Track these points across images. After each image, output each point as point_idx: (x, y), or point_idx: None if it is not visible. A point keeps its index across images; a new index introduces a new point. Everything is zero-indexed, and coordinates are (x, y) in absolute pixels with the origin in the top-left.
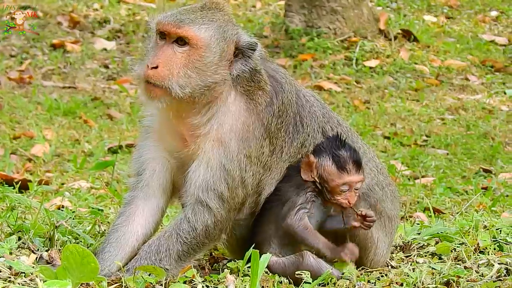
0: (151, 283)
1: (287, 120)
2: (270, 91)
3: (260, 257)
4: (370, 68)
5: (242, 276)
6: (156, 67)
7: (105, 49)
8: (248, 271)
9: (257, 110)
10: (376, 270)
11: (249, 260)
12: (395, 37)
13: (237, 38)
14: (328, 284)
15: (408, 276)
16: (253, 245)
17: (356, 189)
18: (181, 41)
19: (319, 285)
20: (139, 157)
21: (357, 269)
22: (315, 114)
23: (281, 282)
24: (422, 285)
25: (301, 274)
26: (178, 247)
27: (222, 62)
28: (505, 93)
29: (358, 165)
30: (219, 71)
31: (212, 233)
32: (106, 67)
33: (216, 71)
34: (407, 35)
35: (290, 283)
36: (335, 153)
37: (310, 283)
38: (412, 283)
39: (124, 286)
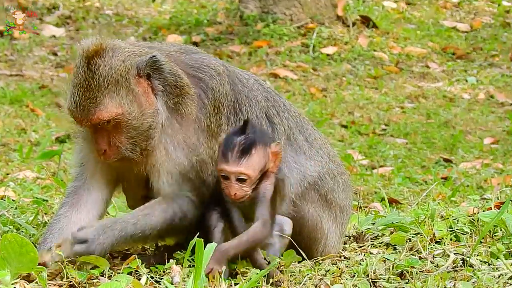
0: (94, 274)
1: (226, 111)
2: (197, 93)
3: (204, 246)
4: (328, 55)
5: (187, 267)
6: (105, 151)
7: (53, 36)
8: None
9: (191, 120)
10: (326, 258)
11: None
12: (354, 24)
13: (136, 71)
14: (276, 274)
15: (360, 266)
16: (198, 234)
17: (240, 181)
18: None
19: (265, 277)
20: (82, 147)
21: (307, 260)
22: (255, 98)
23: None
24: (374, 275)
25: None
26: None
27: (144, 101)
28: (466, 80)
29: (240, 155)
30: (148, 110)
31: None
32: (55, 54)
33: (147, 114)
34: (366, 21)
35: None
36: (227, 136)
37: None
38: (363, 273)
39: (66, 277)
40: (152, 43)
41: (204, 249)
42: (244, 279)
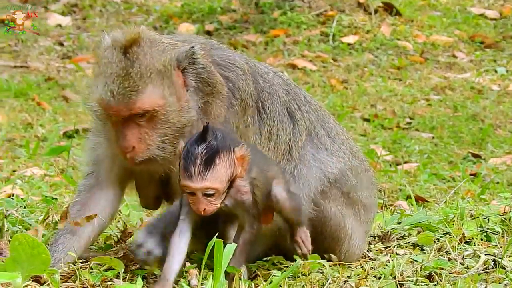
0: (108, 276)
1: (251, 111)
2: (227, 94)
3: (224, 247)
4: (348, 44)
5: (205, 269)
6: (133, 148)
7: (59, 25)
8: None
9: (220, 123)
10: (350, 264)
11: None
12: (376, 11)
13: (175, 63)
14: (298, 277)
15: (386, 268)
16: (217, 234)
17: (208, 195)
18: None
19: (288, 278)
20: (98, 145)
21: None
22: (277, 94)
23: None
24: (401, 277)
25: None
26: None
27: (181, 96)
28: (496, 71)
29: (204, 168)
30: (183, 106)
31: None
32: (61, 44)
33: (183, 110)
34: (389, 8)
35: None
36: (186, 147)
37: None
38: (390, 275)
39: (79, 280)
40: (180, 35)
41: (224, 249)
42: (265, 281)
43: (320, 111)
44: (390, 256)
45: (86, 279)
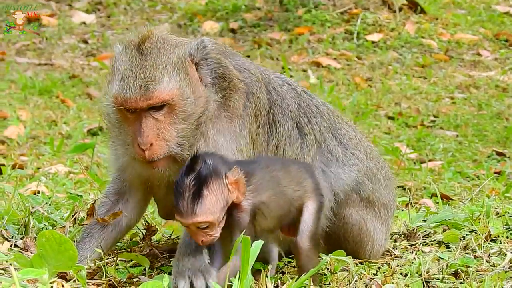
0: (134, 273)
1: (263, 121)
2: (244, 90)
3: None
4: (373, 42)
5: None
6: (151, 145)
7: (84, 23)
8: None
9: (238, 115)
10: (376, 262)
11: None
12: (400, 9)
13: (188, 55)
14: (325, 274)
15: (412, 265)
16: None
17: (203, 228)
18: (156, 107)
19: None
20: (116, 153)
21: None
22: (288, 108)
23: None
24: (427, 275)
25: None
26: None
27: (196, 88)
28: None
29: (192, 202)
30: (199, 98)
31: None
32: (85, 42)
33: (200, 102)
34: (413, 6)
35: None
36: (177, 180)
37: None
38: (416, 273)
39: (105, 276)
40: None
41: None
42: (291, 279)
43: (332, 119)
44: (416, 253)
45: (112, 276)
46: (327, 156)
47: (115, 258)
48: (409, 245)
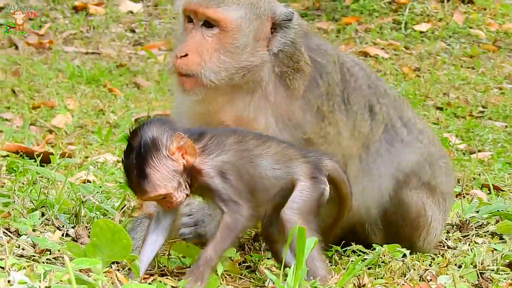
0: (186, 264)
1: (337, 100)
2: (312, 73)
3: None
4: (421, 32)
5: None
6: (186, 55)
7: (131, 12)
8: None
9: (297, 96)
10: (430, 254)
11: None
12: None
13: (272, 13)
14: (379, 266)
15: (466, 256)
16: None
17: (162, 199)
18: (210, 23)
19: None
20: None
21: (409, 249)
22: (360, 88)
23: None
24: (482, 266)
25: None
26: None
27: (258, 42)
28: None
29: (139, 183)
30: (256, 52)
31: None
32: (133, 31)
33: (253, 53)
34: None
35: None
36: (122, 160)
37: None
38: (471, 264)
39: (157, 266)
40: None
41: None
42: (344, 269)
43: (398, 102)
44: (469, 245)
45: (164, 266)
46: (392, 135)
47: (167, 248)
48: (462, 236)
